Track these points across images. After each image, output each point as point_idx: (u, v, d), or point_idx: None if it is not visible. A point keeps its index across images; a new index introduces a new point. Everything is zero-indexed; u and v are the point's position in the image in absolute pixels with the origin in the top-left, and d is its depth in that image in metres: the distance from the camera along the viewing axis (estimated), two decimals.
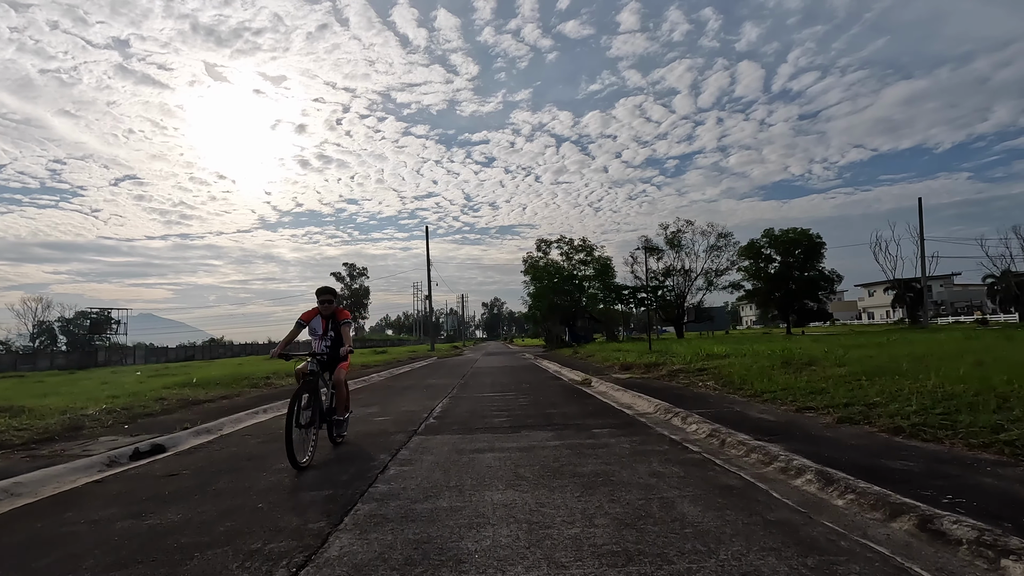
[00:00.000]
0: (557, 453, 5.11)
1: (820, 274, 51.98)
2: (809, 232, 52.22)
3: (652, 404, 7.79)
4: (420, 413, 8.39)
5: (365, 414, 8.58)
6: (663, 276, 49.93)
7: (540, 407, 8.58)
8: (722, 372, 10.04)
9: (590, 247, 48.69)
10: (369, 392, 12.68)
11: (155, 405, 10.00)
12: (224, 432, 7.41)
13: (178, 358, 56.03)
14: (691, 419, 6.36)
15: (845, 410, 5.83)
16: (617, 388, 10.12)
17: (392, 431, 6.80)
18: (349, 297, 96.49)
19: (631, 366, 14.30)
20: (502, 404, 9.19)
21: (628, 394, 9.21)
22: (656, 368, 12.96)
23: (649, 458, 4.79)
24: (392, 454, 5.37)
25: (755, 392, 7.71)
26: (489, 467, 4.68)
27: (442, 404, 9.56)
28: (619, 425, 6.57)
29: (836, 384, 7.22)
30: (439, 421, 7.54)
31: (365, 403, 10.26)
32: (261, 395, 11.83)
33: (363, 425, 7.42)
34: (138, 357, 52.42)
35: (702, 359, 12.84)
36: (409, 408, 9.13)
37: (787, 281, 52.30)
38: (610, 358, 18.03)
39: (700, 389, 9.04)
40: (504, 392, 11.28)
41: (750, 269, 52.88)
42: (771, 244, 52.83)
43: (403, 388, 13.38)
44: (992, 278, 70.89)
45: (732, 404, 7.18)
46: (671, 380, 10.71)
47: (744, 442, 4.95)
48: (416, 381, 15.62)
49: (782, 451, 4.45)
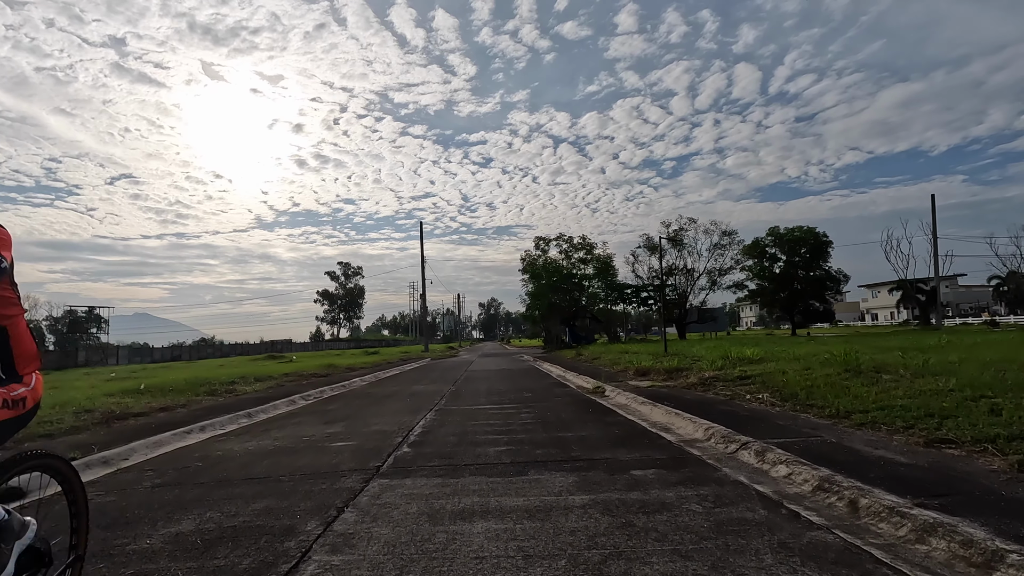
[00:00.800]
0: (590, 524, 3.14)
1: (827, 274, 50.20)
2: (815, 231, 50.45)
3: (699, 426, 5.83)
4: (393, 436, 6.41)
5: (322, 436, 6.59)
6: (665, 275, 48.12)
7: (549, 428, 6.62)
8: (773, 381, 8.08)
9: (590, 245, 46.79)
10: (342, 402, 10.69)
11: (70, 420, 8.00)
12: (121, 465, 5.41)
13: (164, 358, 53.80)
14: (770, 454, 4.40)
15: (1011, 445, 3.89)
16: (642, 400, 8.15)
17: (346, 468, 4.82)
18: (344, 297, 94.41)
19: (648, 371, 12.34)
20: (500, 422, 7.22)
21: (659, 409, 7.25)
22: (680, 374, 11.00)
23: (748, 540, 2.82)
24: (327, 521, 3.38)
25: (837, 411, 5.76)
26: (480, 558, 2.72)
27: (424, 421, 7.58)
28: (667, 463, 4.61)
29: (957, 404, 5.26)
30: (415, 450, 5.56)
31: (331, 419, 8.27)
32: (212, 406, 9.83)
33: (310, 455, 5.43)
34: (121, 357, 50.14)
35: (735, 363, 10.89)
36: (381, 427, 7.15)
37: (792, 281, 50.51)
38: (620, 361, 16.07)
39: (753, 404, 7.08)
40: (502, 404, 9.31)
41: (754, 268, 51.06)
42: (776, 243, 51.01)
43: (383, 397, 11.39)
44: (998, 279, 69.44)
45: (815, 430, 5.22)
46: (706, 391, 8.75)
47: (899, 511, 2.99)
48: (401, 387, 13.63)
49: (999, 542, 2.49)
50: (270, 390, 12.77)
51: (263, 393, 12.03)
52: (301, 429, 7.28)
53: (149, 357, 52.96)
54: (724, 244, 48.22)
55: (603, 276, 40.82)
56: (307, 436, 6.67)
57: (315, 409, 9.68)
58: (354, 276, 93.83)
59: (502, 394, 10.87)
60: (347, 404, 10.29)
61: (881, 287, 67.31)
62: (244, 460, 5.40)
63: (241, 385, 13.53)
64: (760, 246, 51.02)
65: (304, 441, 6.31)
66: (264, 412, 9.32)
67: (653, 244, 48.93)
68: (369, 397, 11.41)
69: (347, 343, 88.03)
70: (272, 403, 10.14)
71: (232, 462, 5.33)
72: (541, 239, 47.85)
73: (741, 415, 6.28)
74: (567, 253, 46.65)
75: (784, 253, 50.93)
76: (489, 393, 11.14)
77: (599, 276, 41.00)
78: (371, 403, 10.26)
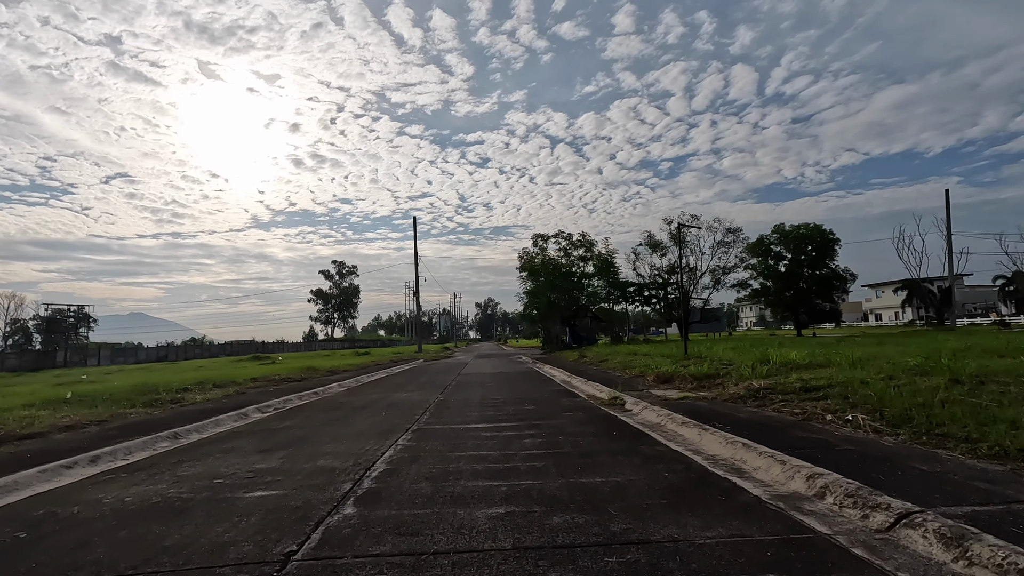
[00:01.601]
0: None
1: (833, 272, 48.43)
2: (822, 228, 48.68)
3: (791, 469, 3.85)
4: (341, 479, 4.42)
5: (244, 476, 4.59)
6: (667, 274, 46.25)
7: (566, 465, 4.64)
8: (859, 395, 6.10)
9: (590, 243, 44.84)
10: (302, 417, 8.67)
11: None
12: None
13: (149, 359, 51.65)
14: (976, 546, 2.44)
15: None
16: (681, 420, 6.18)
17: (233, 558, 2.82)
18: (338, 296, 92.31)
19: (671, 377, 10.38)
20: (495, 453, 5.24)
21: (712, 435, 5.27)
22: (714, 382, 9.04)
23: None
24: None
25: (1003, 448, 3.80)
26: None
27: (393, 451, 5.59)
28: (785, 557, 2.63)
29: None
30: (362, 512, 3.56)
31: (274, 444, 6.26)
32: (137, 422, 7.83)
33: (198, 519, 3.40)
34: (103, 357, 47.92)
35: (785, 369, 8.93)
36: (332, 462, 5.14)
37: (797, 280, 48.72)
38: (632, 364, 14.10)
39: (845, 429, 5.11)
40: (498, 421, 7.33)
41: (758, 267, 49.25)
42: (781, 240, 49.21)
43: (356, 409, 9.39)
44: (1003, 279, 67.77)
45: (999, 485, 3.27)
46: (763, 406, 6.79)
47: None
48: (381, 395, 11.63)
49: None
50: (226, 399, 10.75)
51: (214, 404, 10.02)
52: (224, 462, 5.28)
53: (133, 357, 50.80)
54: (728, 242, 46.42)
55: (604, 274, 38.79)
56: (222, 476, 4.67)
57: (264, 427, 7.68)
58: (349, 275, 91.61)
59: (499, 406, 8.89)
60: (307, 420, 8.28)
61: (885, 287, 65.61)
62: (95, 528, 3.41)
63: (194, 393, 11.52)
64: (765, 244, 49.23)
65: (210, 487, 4.32)
66: (198, 431, 7.32)
67: (655, 242, 47.06)
68: (339, 409, 9.41)
69: (341, 343, 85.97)
70: (215, 418, 8.14)
71: (71, 533, 3.34)
72: (539, 236, 45.91)
73: (843, 450, 4.33)
74: (566, 251, 44.74)
75: (789, 251, 49.19)
76: (483, 405, 9.15)
77: (600, 274, 39.00)
78: (337, 419, 8.26)
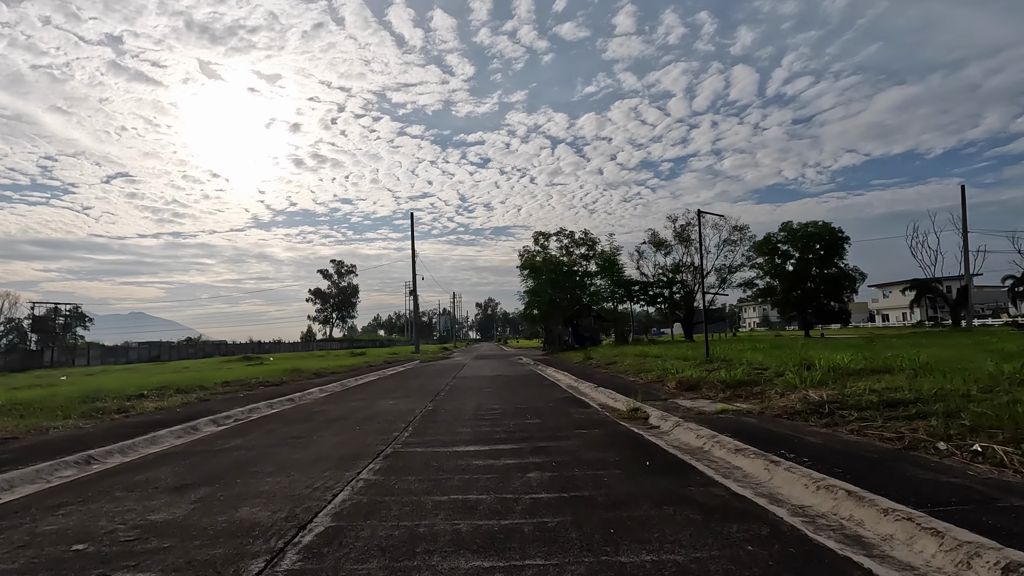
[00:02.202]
0: None
1: (842, 271, 46.94)
2: (831, 226, 47.16)
3: (975, 554, 2.37)
4: (254, 549, 2.91)
5: (123, 531, 3.07)
6: (672, 272, 44.78)
7: (592, 525, 3.14)
8: (976, 413, 4.59)
9: (592, 241, 43.31)
10: (263, 431, 7.18)
11: None
12: None
13: (141, 358, 50.15)
14: None
15: None
16: (733, 445, 4.68)
17: None
18: (337, 295, 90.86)
19: (696, 384, 8.90)
20: (490, 497, 3.75)
21: (787, 472, 3.78)
22: (752, 391, 7.55)
23: None
24: None
25: None
26: None
27: (349, 491, 4.09)
28: None
29: None
30: None
31: (203, 476, 4.75)
32: (51, 440, 6.36)
33: None
34: (93, 357, 46.43)
35: (837, 377, 7.43)
36: (255, 513, 3.63)
37: (806, 279, 47.22)
38: (646, 367, 12.61)
39: (981, 466, 3.62)
40: (495, 443, 5.83)
41: (765, 266, 47.76)
42: (789, 239, 47.71)
43: (329, 421, 7.89)
44: (1012, 278, 66.22)
45: None
46: (834, 425, 5.28)
47: None
48: (363, 403, 10.13)
49: None
50: (181, 408, 9.26)
51: (165, 414, 8.54)
52: (116, 508, 3.79)
53: (124, 357, 49.30)
54: (735, 240, 44.96)
55: (608, 272, 37.24)
56: (92, 537, 3.18)
57: (206, 448, 6.18)
58: (348, 274, 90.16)
59: (496, 420, 7.40)
60: (264, 437, 6.79)
61: (892, 286, 64.02)
62: None
63: (150, 400, 10.05)
64: (772, 242, 47.73)
65: (57, 562, 2.83)
66: (122, 453, 5.84)
67: (659, 240, 45.65)
68: (307, 422, 7.92)
69: (339, 343, 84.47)
70: (154, 434, 6.67)
71: None
72: (540, 234, 44.35)
73: (1012, 507, 2.84)
74: (567, 249, 43.23)
75: (797, 250, 47.71)
76: (478, 418, 7.66)
77: (604, 273, 37.47)
78: (300, 436, 6.78)
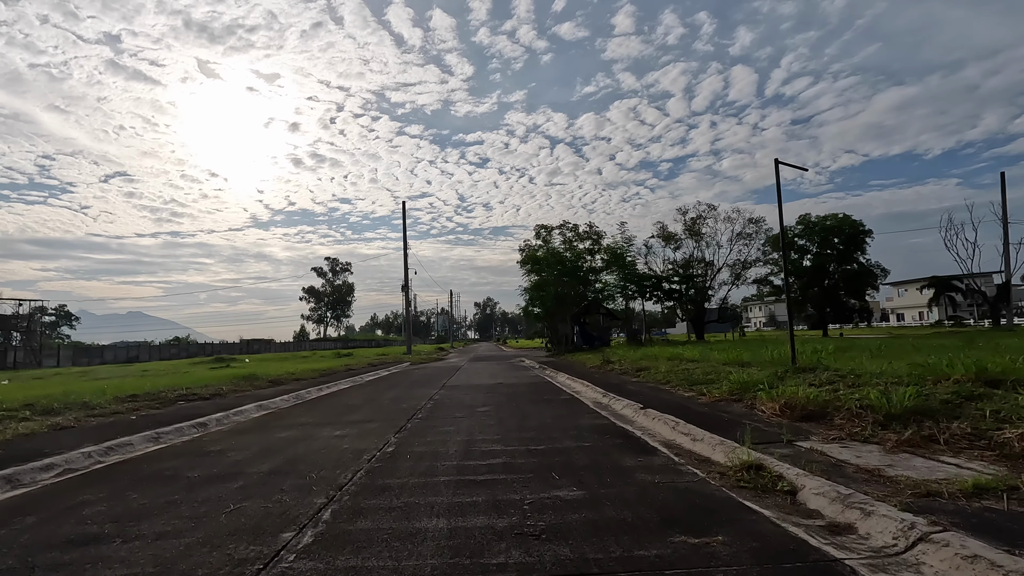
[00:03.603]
0: None
1: (863, 267, 43.56)
2: (851, 218, 43.82)
3: None
4: None
5: None
6: (682, 268, 41.43)
7: None
8: None
9: (597, 234, 39.78)
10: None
11: None
12: None
13: (117, 359, 46.62)
14: None
15: None
16: None
17: None
18: (332, 294, 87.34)
19: (822, 411, 5.48)
20: None
21: None
22: (947, 429, 4.13)
23: None
24: None
25: None
26: None
27: None
28: None
29: None
30: None
31: None
32: None
33: None
34: (64, 358, 42.91)
35: None
36: None
37: (824, 275, 43.88)
38: (696, 377, 9.21)
39: None
40: (488, 556, 2.43)
41: (780, 262, 44.43)
42: (806, 232, 44.37)
43: (194, 486, 4.44)
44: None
45: None
46: None
47: None
48: (294, 437, 6.64)
49: None
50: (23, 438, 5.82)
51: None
52: None
53: (99, 358, 45.76)
54: (749, 233, 41.60)
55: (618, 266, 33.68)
56: None
57: None
58: (342, 272, 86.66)
59: (497, 486, 3.98)
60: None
61: (909, 284, 60.72)
62: None
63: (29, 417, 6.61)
64: (788, 236, 44.39)
65: None
66: None
67: (668, 233, 42.28)
68: (145, 490, 4.50)
69: (334, 343, 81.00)
70: None
71: None
72: (543, 227, 40.72)
73: None
74: (570, 243, 39.68)
75: (815, 244, 44.37)
76: (463, 481, 4.20)
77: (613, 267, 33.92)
78: (157, 506, 3.35)
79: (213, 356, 38.27)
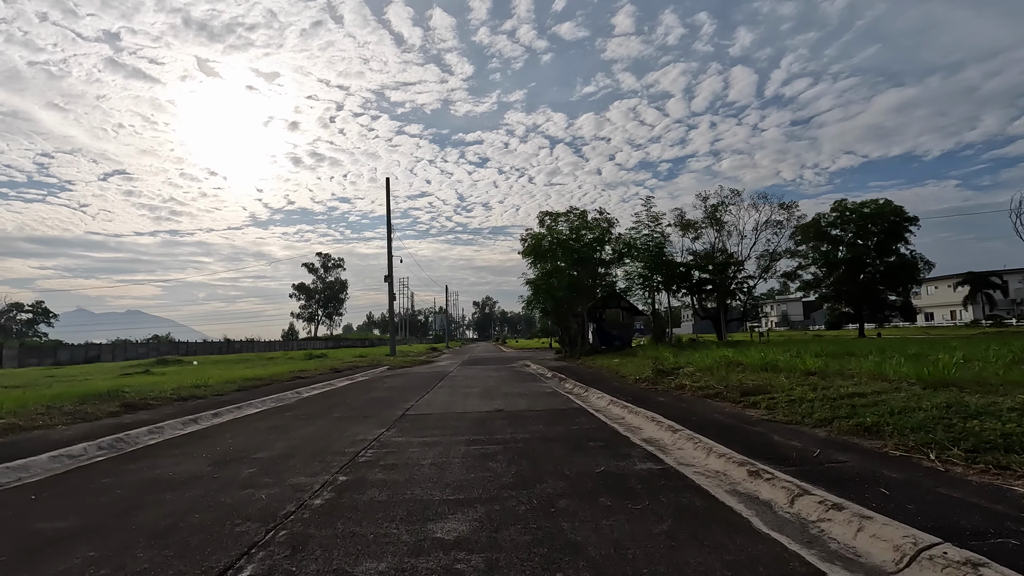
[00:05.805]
0: None
1: (904, 259, 38.20)
2: (892, 204, 38.57)
3: None
4: None
5: None
6: (703, 259, 36.14)
7: None
8: None
9: (608, 222, 33.89)
10: None
11: None
12: None
13: (74, 359, 41.24)
14: None
15: None
16: None
17: None
18: (323, 291, 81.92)
19: None
20: None
21: None
22: None
23: None
24: None
25: None
26: None
27: None
28: None
29: None
30: None
31: None
32: None
33: None
34: (8, 359, 37.54)
35: None
36: None
37: (861, 268, 38.56)
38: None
39: None
40: None
41: (809, 253, 39.11)
42: (841, 221, 39.08)
43: None
44: None
45: None
46: None
47: None
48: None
49: None
50: None
51: None
52: None
53: (51, 358, 40.34)
54: (779, 220, 36.16)
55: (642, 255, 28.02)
56: None
57: None
58: (334, 268, 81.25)
59: None
60: None
61: (939, 281, 55.48)
62: None
63: None
64: (819, 226, 39.09)
65: None
66: None
67: (687, 222, 36.97)
68: None
69: (324, 342, 75.52)
70: None
71: None
72: (547, 214, 34.81)
73: None
74: (577, 231, 33.75)
75: (850, 233, 39.08)
76: None
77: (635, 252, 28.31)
78: None
79: (153, 359, 32.79)
